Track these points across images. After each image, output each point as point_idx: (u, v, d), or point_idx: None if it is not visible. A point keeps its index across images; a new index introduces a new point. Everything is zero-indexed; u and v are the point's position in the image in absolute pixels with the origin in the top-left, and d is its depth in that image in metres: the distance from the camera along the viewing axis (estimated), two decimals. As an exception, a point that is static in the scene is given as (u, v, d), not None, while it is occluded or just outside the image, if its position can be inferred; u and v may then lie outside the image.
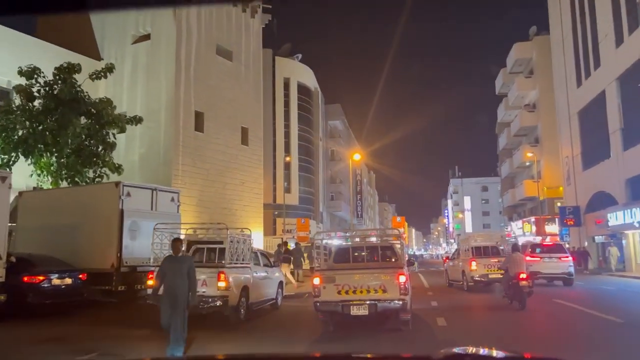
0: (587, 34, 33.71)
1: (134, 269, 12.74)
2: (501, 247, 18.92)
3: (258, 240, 28.79)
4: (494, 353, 1.55)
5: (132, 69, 25.06)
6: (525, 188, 48.03)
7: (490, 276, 17.25)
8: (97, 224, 13.11)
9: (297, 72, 58.24)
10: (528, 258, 19.47)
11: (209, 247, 12.01)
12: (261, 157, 30.22)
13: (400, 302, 8.82)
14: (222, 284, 10.19)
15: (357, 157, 36.90)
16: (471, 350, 1.65)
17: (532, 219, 45.40)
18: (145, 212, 13.38)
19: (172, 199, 14.95)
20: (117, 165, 18.33)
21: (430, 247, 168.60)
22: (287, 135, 55.95)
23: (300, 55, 61.15)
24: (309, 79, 60.56)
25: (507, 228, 60.69)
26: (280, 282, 14.24)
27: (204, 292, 10.18)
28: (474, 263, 17.66)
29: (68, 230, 13.26)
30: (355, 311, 8.86)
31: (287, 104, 56.16)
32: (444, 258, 29.91)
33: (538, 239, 40.25)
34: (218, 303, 10.20)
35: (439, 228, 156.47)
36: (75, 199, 14.00)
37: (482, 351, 1.62)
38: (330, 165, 71.84)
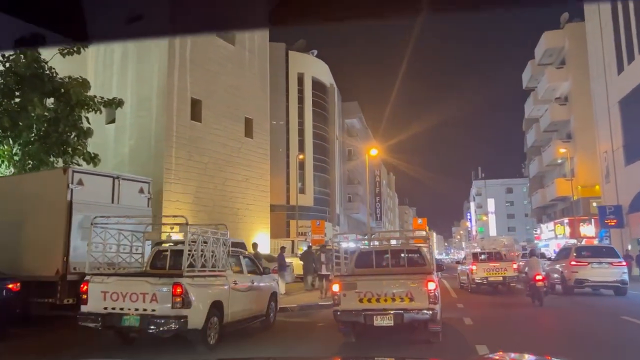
0: (630, 17, 30.34)
1: (84, 276, 10.02)
2: (504, 252, 21.06)
3: (264, 244, 26.04)
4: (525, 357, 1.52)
5: (122, 52, 22.57)
6: (557, 187, 44.52)
7: (489, 279, 18.98)
8: (40, 219, 10.47)
9: (312, 67, 55.49)
10: (573, 263, 17.24)
11: (175, 249, 9.34)
12: (267, 151, 27.51)
13: (430, 312, 7.99)
14: (177, 300, 7.44)
15: (374, 152, 33.81)
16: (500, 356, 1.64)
17: (566, 220, 41.91)
18: (103, 206, 10.67)
19: (141, 190, 12.30)
20: (92, 155, 15.75)
21: (452, 251, 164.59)
22: (301, 133, 53.27)
23: (315, 51, 58.34)
24: (324, 74, 57.81)
25: (535, 231, 57.04)
26: (274, 294, 11.46)
27: (153, 310, 7.47)
28: (474, 267, 19.46)
29: (8, 227, 10.66)
30: (378, 321, 8.08)
31: (301, 100, 53.50)
32: (456, 262, 32.83)
33: (571, 242, 36.98)
34: (173, 325, 7.45)
35: (461, 231, 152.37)
36: (18, 190, 11.39)
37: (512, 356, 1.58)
38: (347, 165, 68.78)
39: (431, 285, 8.11)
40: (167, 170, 21.10)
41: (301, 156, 47.33)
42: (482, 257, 19.95)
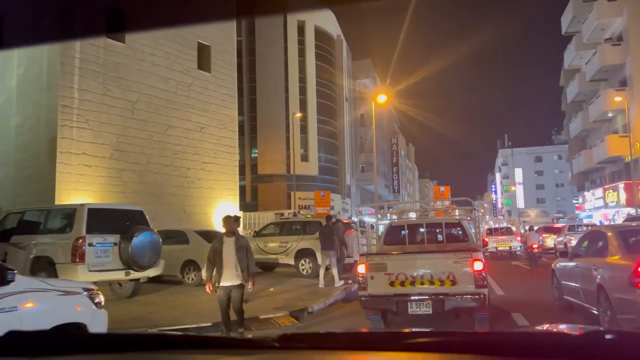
0: None
1: None
2: (513, 227, 28.58)
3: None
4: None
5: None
6: (608, 145, 36.78)
7: (498, 248, 24.19)
8: None
9: (315, 14, 47.68)
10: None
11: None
12: (234, 92, 20.48)
13: (477, 298, 6.80)
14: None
15: (382, 98, 26.45)
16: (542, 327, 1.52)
17: (621, 184, 34.27)
18: None
19: None
20: None
21: (470, 225, 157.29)
22: (302, 90, 46.13)
23: (319, -5, 50.19)
24: (329, 24, 50.23)
25: (577, 200, 49.34)
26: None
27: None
28: (486, 239, 23.34)
29: None
30: (414, 309, 6.99)
31: (302, 53, 46.19)
32: None
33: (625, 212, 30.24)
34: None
35: (485, 205, 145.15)
36: None
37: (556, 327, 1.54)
38: (360, 131, 61.25)
39: (478, 265, 6.91)
40: (64, 108, 14.31)
41: (298, 115, 40.10)
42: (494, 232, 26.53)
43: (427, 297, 7.00)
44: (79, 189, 14.43)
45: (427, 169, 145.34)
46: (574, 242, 13.32)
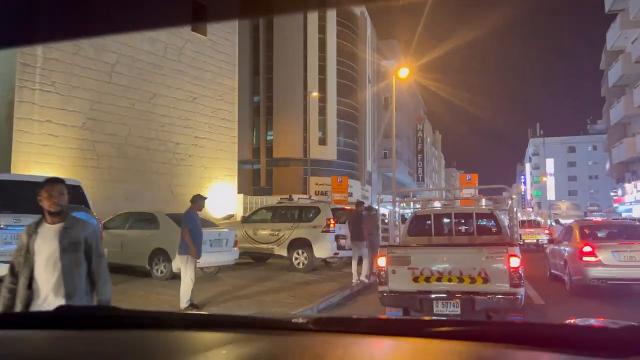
0: None
1: None
2: (541, 220, 29.09)
3: (228, 201, 17.12)
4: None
5: None
6: (655, 133, 33.46)
7: (525, 241, 23.99)
8: None
9: (336, -12, 45.00)
10: None
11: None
12: (234, 58, 18.14)
13: (511, 298, 6.19)
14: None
15: (404, 72, 23.83)
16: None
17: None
18: None
19: None
20: None
21: (502, 217, 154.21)
22: (322, 70, 43.63)
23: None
24: (352, -1, 47.47)
25: (615, 192, 45.92)
26: None
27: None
28: None
29: None
30: (440, 308, 6.39)
31: (322, 30, 43.61)
32: None
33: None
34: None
35: (514, 196, 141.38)
36: None
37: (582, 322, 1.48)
38: (383, 115, 58.44)
39: (514, 262, 6.25)
40: (24, 66, 12.26)
41: (314, 94, 37.65)
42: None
43: (455, 295, 6.42)
44: (41, 161, 12.43)
45: (454, 159, 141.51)
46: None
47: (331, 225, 11.82)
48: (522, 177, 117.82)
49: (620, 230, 10.63)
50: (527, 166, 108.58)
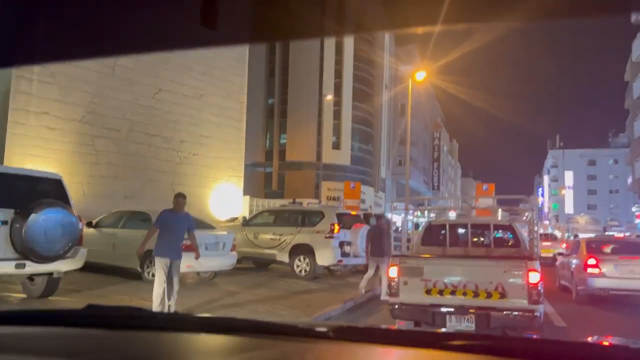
0: None
1: None
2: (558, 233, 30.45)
3: (234, 203, 16.54)
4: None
5: None
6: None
7: (541, 255, 21.25)
8: None
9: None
10: None
11: None
12: (244, 55, 17.60)
13: (529, 316, 5.89)
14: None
15: (421, 75, 23.09)
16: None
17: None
18: None
19: None
20: None
21: (521, 229, 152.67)
22: (338, 73, 43.04)
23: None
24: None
25: (638, 207, 44.51)
26: None
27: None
28: None
29: None
30: (453, 323, 6.09)
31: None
32: None
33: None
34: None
35: (534, 207, 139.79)
36: None
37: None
38: (399, 122, 57.60)
39: (534, 277, 5.95)
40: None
41: (329, 97, 37.02)
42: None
43: (470, 310, 6.16)
44: (37, 154, 11.95)
45: (471, 169, 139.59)
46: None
47: (335, 231, 11.13)
48: (540, 189, 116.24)
49: (623, 246, 11.41)
50: (545, 178, 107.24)
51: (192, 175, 15.65)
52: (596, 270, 10.10)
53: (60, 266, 7.02)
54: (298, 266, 11.49)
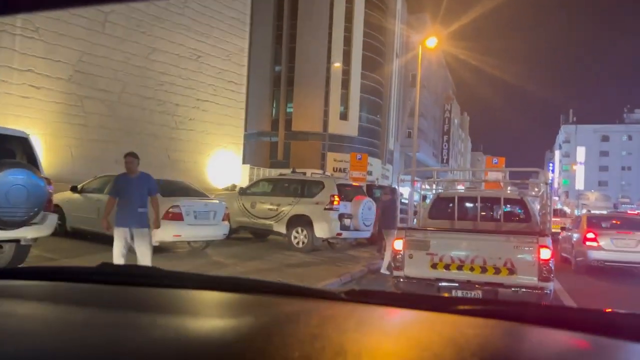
0: None
1: None
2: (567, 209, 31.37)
3: (232, 171, 15.85)
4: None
5: None
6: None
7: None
8: None
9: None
10: None
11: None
12: (246, 16, 16.65)
13: (539, 293, 5.81)
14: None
15: (432, 42, 22.02)
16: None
17: None
18: None
19: None
20: None
21: (533, 203, 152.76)
22: (347, 41, 41.81)
23: None
24: (383, -34, 45.14)
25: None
26: None
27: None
28: None
29: None
30: None
31: (349, -1, 41.57)
32: None
33: None
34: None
35: (547, 181, 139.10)
36: None
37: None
38: (409, 94, 56.35)
39: (545, 253, 5.85)
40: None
41: (337, 64, 35.91)
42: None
43: (476, 286, 6.10)
44: (20, 114, 11.27)
45: (481, 143, 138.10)
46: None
47: (335, 203, 10.44)
48: (551, 164, 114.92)
49: (621, 222, 12.23)
50: (557, 153, 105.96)
51: (187, 141, 14.95)
52: (594, 244, 10.89)
53: (26, 233, 6.39)
54: (296, 238, 10.85)
